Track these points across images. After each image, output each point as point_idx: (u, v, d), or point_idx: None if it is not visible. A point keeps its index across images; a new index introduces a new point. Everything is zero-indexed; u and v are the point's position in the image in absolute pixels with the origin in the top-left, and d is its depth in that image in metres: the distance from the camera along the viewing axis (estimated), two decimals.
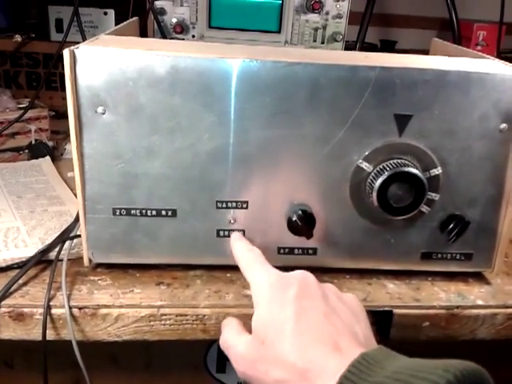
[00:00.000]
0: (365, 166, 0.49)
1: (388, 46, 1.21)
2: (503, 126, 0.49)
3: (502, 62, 0.54)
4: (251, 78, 0.46)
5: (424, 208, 0.50)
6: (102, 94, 0.46)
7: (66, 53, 0.44)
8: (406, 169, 0.47)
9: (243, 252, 0.47)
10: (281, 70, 0.46)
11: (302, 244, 0.52)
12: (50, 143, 0.84)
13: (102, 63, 0.45)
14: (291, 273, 0.42)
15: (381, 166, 0.48)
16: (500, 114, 0.49)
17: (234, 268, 0.49)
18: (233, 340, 0.40)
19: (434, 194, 0.50)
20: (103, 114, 0.46)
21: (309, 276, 0.41)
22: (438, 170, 0.50)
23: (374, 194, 0.48)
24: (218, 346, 0.42)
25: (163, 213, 0.50)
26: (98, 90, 0.46)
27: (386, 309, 0.51)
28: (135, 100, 0.46)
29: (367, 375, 0.31)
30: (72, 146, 0.47)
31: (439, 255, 0.54)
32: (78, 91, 0.45)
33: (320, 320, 0.37)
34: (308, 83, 0.47)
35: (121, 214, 0.50)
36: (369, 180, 0.49)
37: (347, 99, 0.47)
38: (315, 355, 0.35)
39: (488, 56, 0.58)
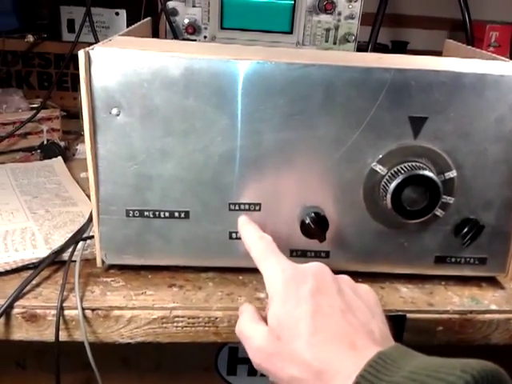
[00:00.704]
0: (379, 168, 0.49)
1: (400, 47, 1.20)
2: None
3: None
4: (265, 80, 0.46)
5: (438, 211, 0.50)
6: (116, 95, 0.46)
7: (80, 54, 0.44)
8: (421, 172, 0.47)
9: (254, 240, 0.46)
10: (295, 72, 0.46)
11: (314, 247, 0.52)
12: (62, 143, 0.85)
13: (117, 64, 0.45)
14: (306, 265, 0.41)
15: (395, 169, 0.48)
16: None
17: (247, 270, 0.49)
18: (249, 330, 0.40)
19: (448, 198, 0.50)
20: (118, 115, 0.46)
21: (324, 269, 0.40)
22: (453, 173, 0.49)
23: (388, 197, 0.47)
24: (229, 348, 0.41)
25: (176, 214, 0.50)
26: (113, 92, 0.46)
27: (399, 313, 0.51)
28: (149, 101, 0.46)
29: (384, 375, 0.31)
30: (86, 148, 0.47)
31: (453, 259, 0.54)
32: (93, 92, 0.46)
33: (336, 318, 0.36)
34: (322, 85, 0.46)
35: (134, 216, 0.50)
36: (383, 183, 0.48)
37: (362, 101, 0.47)
38: (331, 355, 0.34)
39: (502, 57, 0.58)
